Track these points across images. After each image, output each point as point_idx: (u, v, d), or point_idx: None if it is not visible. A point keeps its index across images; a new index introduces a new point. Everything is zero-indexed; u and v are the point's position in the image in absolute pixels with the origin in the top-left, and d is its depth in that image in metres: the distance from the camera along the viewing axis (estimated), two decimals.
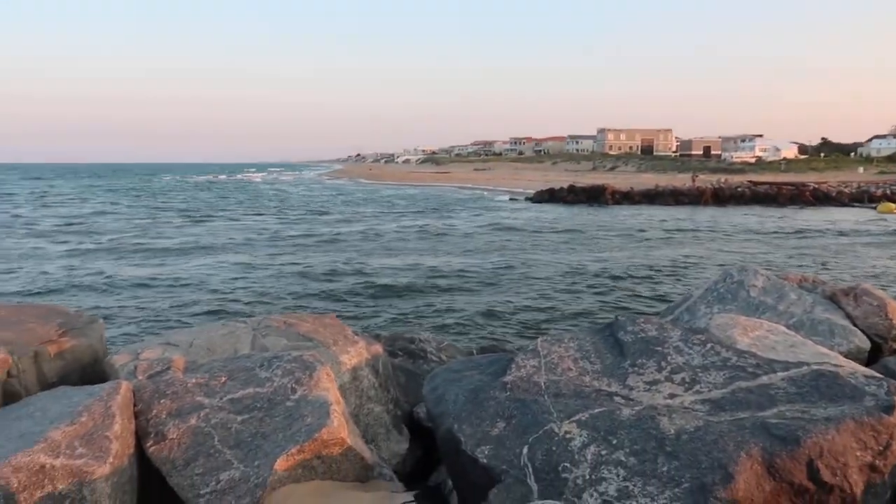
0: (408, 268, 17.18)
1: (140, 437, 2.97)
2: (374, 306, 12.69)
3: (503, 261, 18.44)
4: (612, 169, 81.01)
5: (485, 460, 2.77)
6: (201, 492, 2.68)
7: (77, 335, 4.31)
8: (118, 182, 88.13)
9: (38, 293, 14.38)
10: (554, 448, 2.68)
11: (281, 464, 2.70)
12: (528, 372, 3.17)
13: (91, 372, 4.35)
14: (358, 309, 12.49)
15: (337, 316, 5.05)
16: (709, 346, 3.15)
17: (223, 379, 3.25)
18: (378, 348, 4.56)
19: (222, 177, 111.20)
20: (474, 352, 5.92)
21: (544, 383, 3.07)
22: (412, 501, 2.97)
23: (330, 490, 2.88)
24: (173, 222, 31.37)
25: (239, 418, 3.01)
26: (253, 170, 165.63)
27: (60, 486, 2.42)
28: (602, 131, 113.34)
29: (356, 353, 4.25)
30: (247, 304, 12.76)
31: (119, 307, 12.66)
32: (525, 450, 2.72)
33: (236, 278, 15.78)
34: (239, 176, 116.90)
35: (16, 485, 2.33)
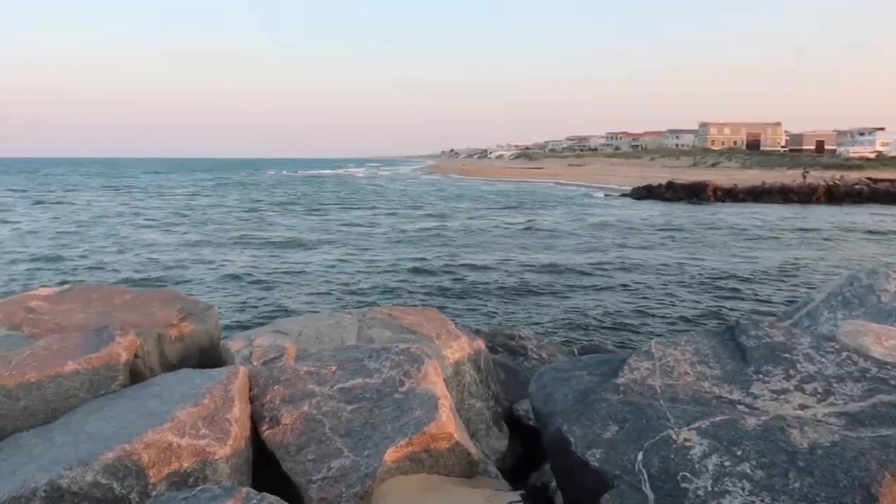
0: (501, 264, 17.11)
1: (255, 421, 3.07)
2: (467, 301, 12.72)
3: (597, 259, 18.05)
4: (714, 165, 77.53)
5: (596, 464, 2.68)
6: (313, 478, 2.73)
7: (195, 320, 4.52)
8: (227, 176, 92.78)
9: (153, 280, 15.32)
10: (672, 456, 2.55)
11: (390, 455, 2.72)
12: (641, 375, 3.04)
13: (207, 355, 4.56)
14: (452, 304, 12.56)
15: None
16: (844, 354, 2.91)
17: (333, 368, 3.32)
18: (480, 344, 4.53)
19: (326, 171, 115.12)
20: (575, 351, 5.80)
21: (659, 387, 2.94)
22: (519, 501, 2.91)
23: (437, 484, 2.87)
24: (278, 215, 32.63)
25: (349, 408, 3.05)
26: (352, 165, 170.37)
27: (185, 465, 2.53)
28: (704, 125, 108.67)
29: (458, 347, 4.24)
30: (348, 294, 13.08)
31: (231, 295, 13.28)
32: (640, 456, 2.61)
33: (338, 270, 16.18)
34: (340, 171, 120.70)
35: (146, 460, 2.45)
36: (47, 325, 4.13)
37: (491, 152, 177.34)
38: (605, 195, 45.74)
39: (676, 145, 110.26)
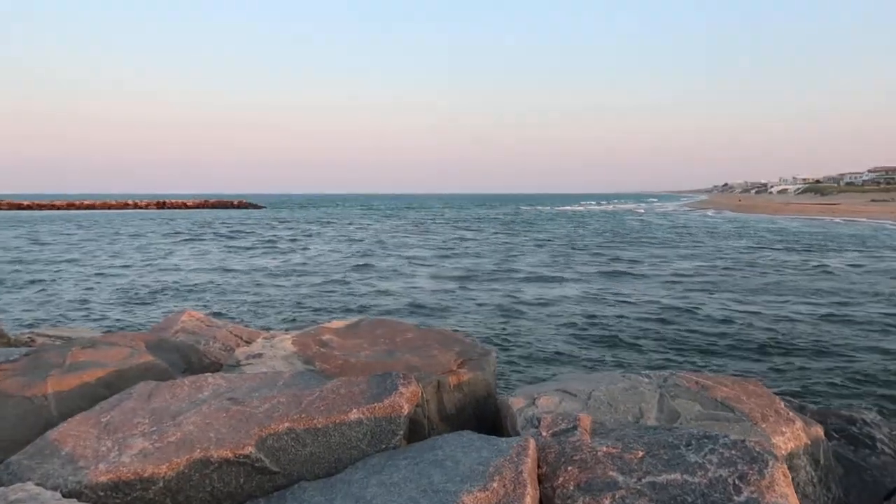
0: (794, 316, 14.77)
1: None
2: (761, 362, 11.00)
3: None
4: None
5: None
6: None
7: (474, 367, 4.23)
8: (492, 212, 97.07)
9: (418, 314, 15.96)
10: None
11: None
12: None
13: (484, 406, 4.22)
14: (728, 360, 10.96)
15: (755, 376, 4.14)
16: None
17: (640, 454, 2.69)
18: (818, 431, 3.53)
19: (579, 207, 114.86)
20: None
21: None
22: None
23: None
24: (524, 253, 32.76)
25: None
26: (602, 202, 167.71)
27: None
28: None
29: (793, 435, 3.32)
30: (619, 349, 12.10)
31: (503, 335, 13.22)
32: None
33: (624, 317, 15.01)
34: (609, 206, 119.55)
35: None
36: (337, 361, 4.13)
37: (772, 186, 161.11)
38: None
39: None
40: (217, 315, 13.75)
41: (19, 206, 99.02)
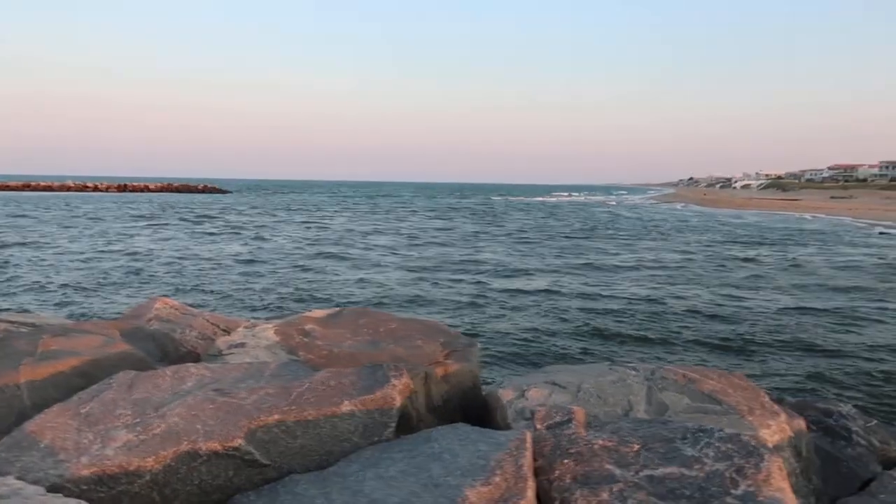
0: (766, 308, 15.07)
1: (542, 502, 2.55)
2: (736, 354, 11.20)
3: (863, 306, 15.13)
4: None
5: None
6: None
7: (460, 358, 4.20)
8: (463, 201, 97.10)
9: (389, 305, 15.89)
10: None
11: None
12: None
13: (471, 398, 4.20)
14: (716, 356, 11.13)
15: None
16: None
17: (636, 447, 2.69)
18: (801, 424, 3.59)
19: (549, 198, 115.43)
20: None
21: None
22: None
23: None
24: (514, 244, 32.85)
25: None
26: (573, 192, 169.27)
27: None
28: None
29: (778, 428, 3.37)
30: (604, 338, 12.17)
31: (475, 326, 13.20)
32: None
33: (594, 310, 15.09)
34: (581, 197, 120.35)
35: None
36: (321, 352, 4.06)
37: (735, 181, 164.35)
38: (881, 232, 39.37)
39: None
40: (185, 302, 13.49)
41: None
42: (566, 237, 35.36)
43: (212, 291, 17.05)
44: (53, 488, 2.53)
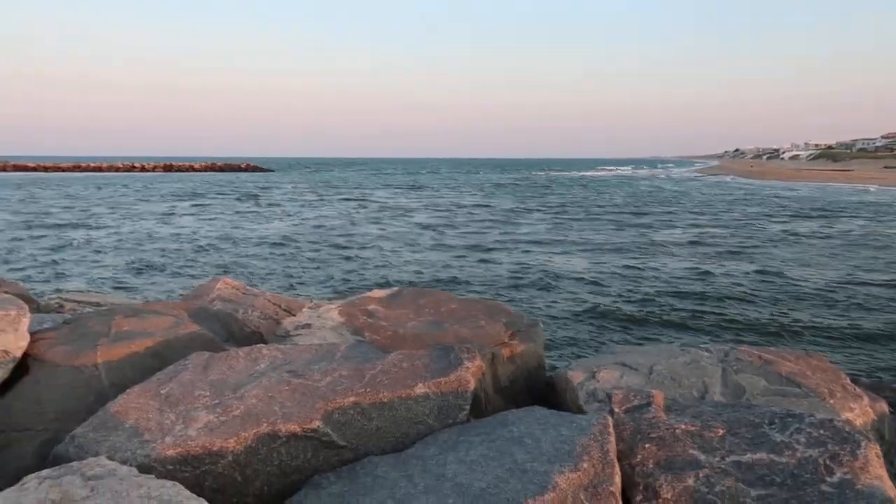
0: (833, 286, 14.48)
1: (624, 487, 2.51)
2: (806, 335, 10.84)
3: None
4: None
5: None
6: None
7: (525, 338, 4.16)
8: (505, 176, 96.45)
9: (437, 284, 15.90)
10: None
11: None
12: None
13: (535, 379, 4.17)
14: (782, 340, 10.77)
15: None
16: None
17: (720, 432, 2.62)
18: (883, 406, 3.46)
19: (591, 173, 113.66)
20: None
21: None
22: None
23: None
24: (556, 220, 32.52)
25: (753, 492, 2.33)
26: (619, 167, 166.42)
27: None
28: None
29: (861, 411, 3.25)
30: (654, 319, 11.89)
31: (523, 305, 13.10)
32: None
33: (642, 289, 14.65)
34: (628, 171, 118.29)
35: None
36: (386, 332, 4.07)
37: (783, 152, 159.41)
38: None
39: None
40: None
41: (25, 168, 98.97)
42: (612, 213, 34.84)
43: (262, 270, 17.34)
44: (142, 468, 2.59)
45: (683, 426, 2.68)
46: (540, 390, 4.13)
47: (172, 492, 2.09)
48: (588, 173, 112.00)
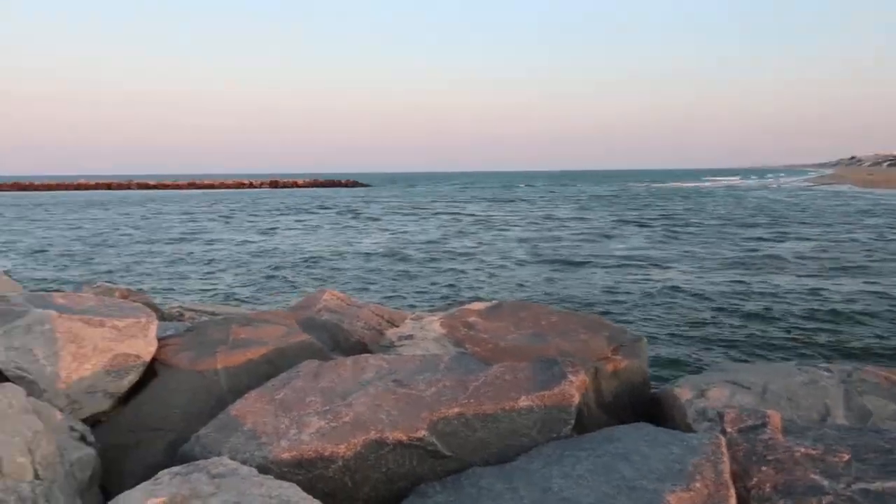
0: None
1: None
2: None
3: None
4: None
5: None
6: None
7: (629, 353, 4.07)
8: (601, 188, 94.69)
9: (532, 298, 15.77)
10: None
11: None
12: None
13: (638, 395, 4.07)
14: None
15: None
16: None
17: (845, 457, 2.47)
18: None
19: (694, 184, 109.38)
20: None
21: None
22: None
23: None
24: (656, 234, 31.59)
25: None
26: (724, 177, 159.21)
27: None
28: None
29: None
30: (762, 339, 11.25)
31: (649, 320, 12.75)
32: None
33: (749, 308, 13.80)
34: (729, 180, 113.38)
35: None
36: (487, 345, 4.10)
37: None
38: None
39: None
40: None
41: (147, 186, 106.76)
42: (716, 225, 33.39)
43: (364, 282, 17.85)
44: (260, 469, 2.73)
45: (803, 449, 2.54)
46: (643, 407, 4.02)
47: (290, 492, 2.20)
48: (691, 184, 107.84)
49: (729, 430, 2.77)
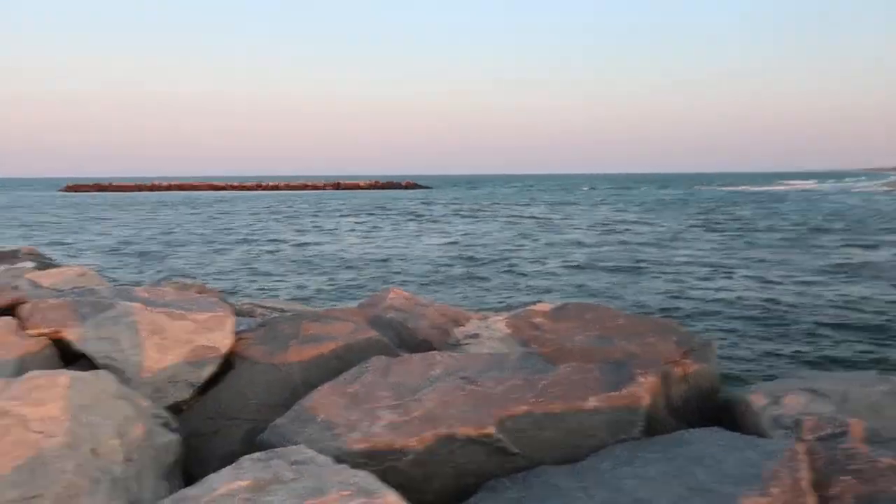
0: None
1: None
2: None
3: None
4: None
5: None
6: None
7: (698, 358, 4.00)
8: (667, 192, 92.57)
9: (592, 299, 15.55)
10: None
11: None
12: None
13: (707, 400, 4.00)
14: None
15: None
16: None
17: None
18: None
19: (752, 188, 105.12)
20: None
21: None
22: None
23: None
24: (723, 239, 30.68)
25: None
26: (800, 181, 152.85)
27: None
28: None
29: None
30: (847, 348, 10.72)
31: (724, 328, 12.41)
32: None
33: (824, 319, 13.07)
34: (771, 187, 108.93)
35: None
36: (552, 346, 4.10)
37: None
38: None
39: None
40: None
41: (217, 188, 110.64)
42: (788, 230, 32.05)
43: (426, 281, 18.03)
44: (334, 459, 2.83)
45: (888, 460, 2.46)
46: (712, 412, 3.95)
47: (367, 481, 2.27)
48: (762, 188, 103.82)
49: (807, 437, 2.70)
